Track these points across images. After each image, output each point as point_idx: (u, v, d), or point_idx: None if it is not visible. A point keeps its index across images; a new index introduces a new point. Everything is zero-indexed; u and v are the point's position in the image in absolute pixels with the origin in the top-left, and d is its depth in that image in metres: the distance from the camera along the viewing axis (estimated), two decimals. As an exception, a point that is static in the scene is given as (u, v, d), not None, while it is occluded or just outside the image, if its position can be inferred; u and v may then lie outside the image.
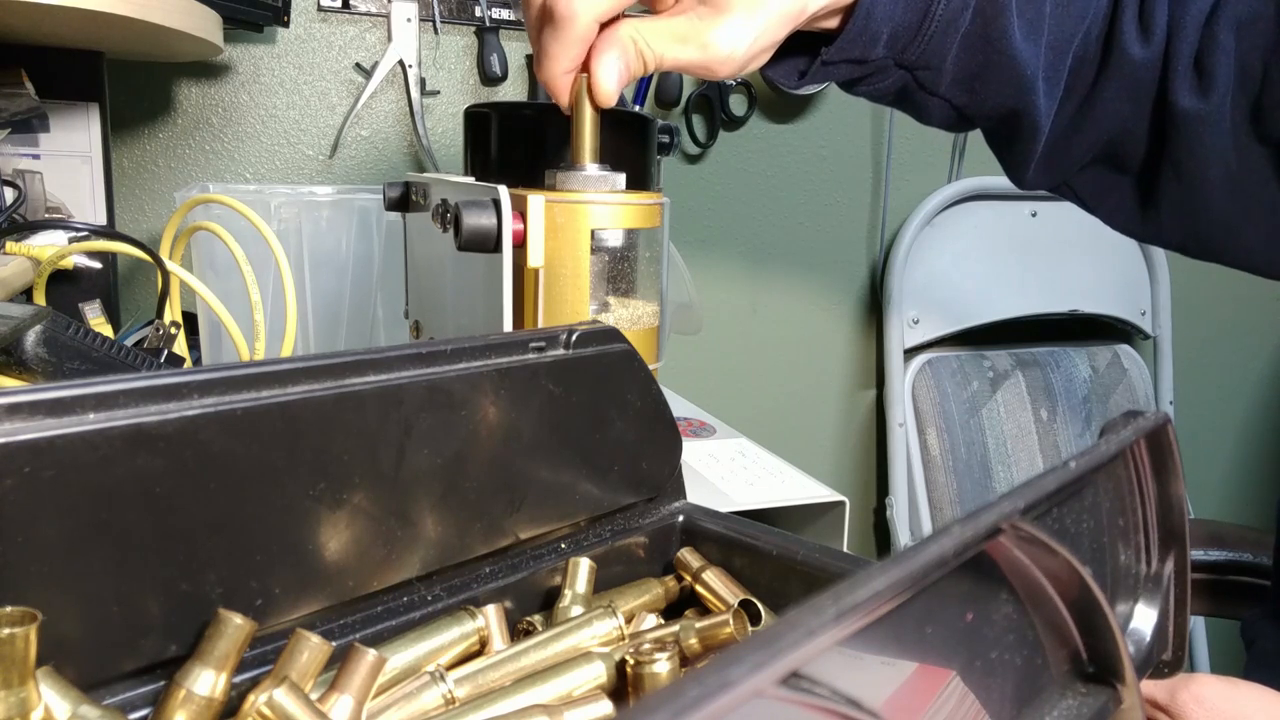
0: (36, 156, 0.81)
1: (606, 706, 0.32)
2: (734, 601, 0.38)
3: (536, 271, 0.54)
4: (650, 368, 0.49)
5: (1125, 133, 0.58)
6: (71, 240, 0.71)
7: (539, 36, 0.49)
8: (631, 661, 0.32)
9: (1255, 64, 0.53)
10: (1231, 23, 0.53)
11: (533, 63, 0.53)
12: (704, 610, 0.41)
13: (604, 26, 0.49)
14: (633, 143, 0.62)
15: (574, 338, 0.39)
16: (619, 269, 0.62)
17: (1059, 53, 0.56)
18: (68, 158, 0.82)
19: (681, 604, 0.42)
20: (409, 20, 1.04)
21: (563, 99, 0.51)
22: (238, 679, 0.29)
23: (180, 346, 0.64)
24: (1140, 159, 0.59)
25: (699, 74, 0.52)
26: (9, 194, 0.75)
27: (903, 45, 0.53)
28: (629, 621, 0.38)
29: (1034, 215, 1.37)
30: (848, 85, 0.58)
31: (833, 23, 0.53)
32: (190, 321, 0.79)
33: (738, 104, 1.21)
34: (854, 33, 0.52)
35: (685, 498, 0.46)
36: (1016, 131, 0.58)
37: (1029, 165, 0.60)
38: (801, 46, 0.56)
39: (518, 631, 0.38)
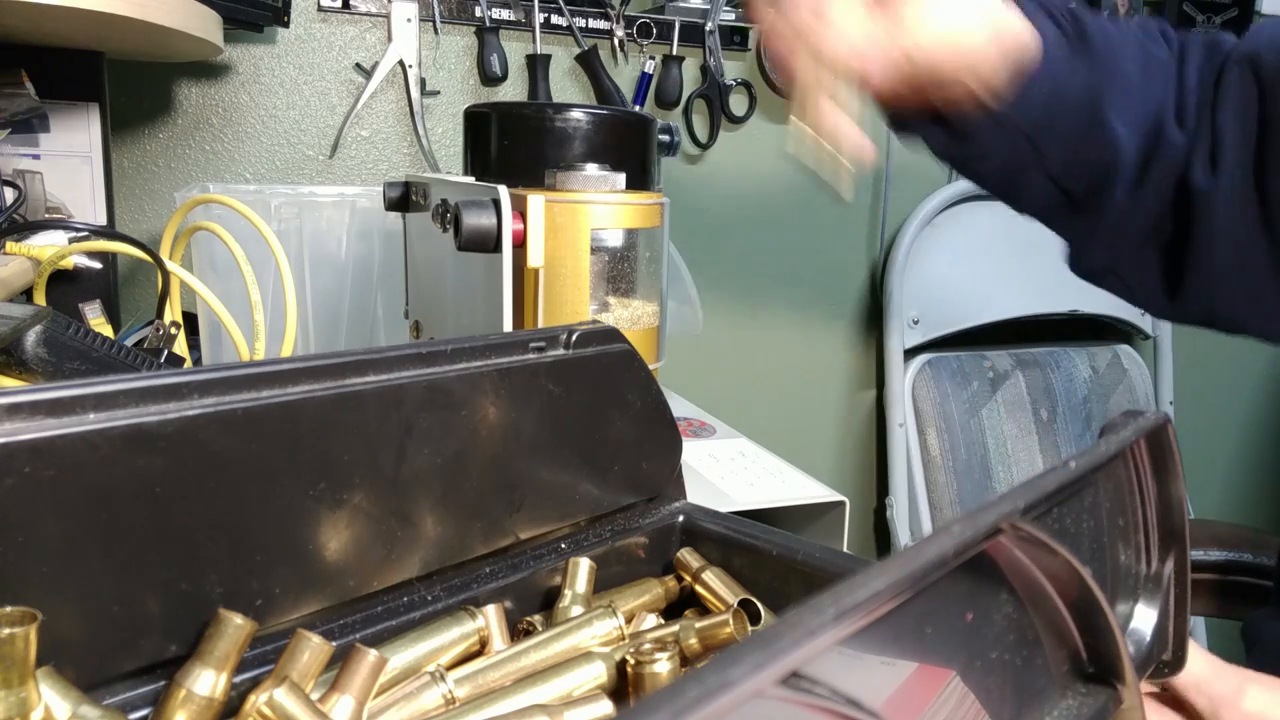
0: (36, 156, 0.81)
1: (606, 706, 0.32)
2: (734, 601, 0.38)
3: (536, 271, 0.54)
4: (650, 368, 0.49)
5: (1163, 217, 0.61)
6: (71, 240, 0.71)
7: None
8: (631, 661, 0.32)
9: (1251, 148, 0.57)
10: (1228, 113, 0.58)
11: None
12: (704, 610, 0.41)
13: None
14: (633, 143, 0.62)
15: (574, 338, 0.39)
16: (619, 269, 0.62)
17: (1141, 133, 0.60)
18: (68, 158, 0.82)
19: (681, 604, 0.42)
20: (409, 20, 1.04)
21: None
22: (238, 679, 0.29)
23: (180, 346, 0.64)
24: (1169, 235, 0.62)
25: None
26: (9, 194, 0.75)
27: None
28: (629, 621, 0.38)
29: (1034, 215, 1.37)
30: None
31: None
32: (190, 321, 0.79)
33: (738, 104, 1.20)
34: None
35: (685, 498, 0.46)
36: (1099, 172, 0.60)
37: (1100, 221, 0.62)
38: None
39: (518, 631, 0.38)
